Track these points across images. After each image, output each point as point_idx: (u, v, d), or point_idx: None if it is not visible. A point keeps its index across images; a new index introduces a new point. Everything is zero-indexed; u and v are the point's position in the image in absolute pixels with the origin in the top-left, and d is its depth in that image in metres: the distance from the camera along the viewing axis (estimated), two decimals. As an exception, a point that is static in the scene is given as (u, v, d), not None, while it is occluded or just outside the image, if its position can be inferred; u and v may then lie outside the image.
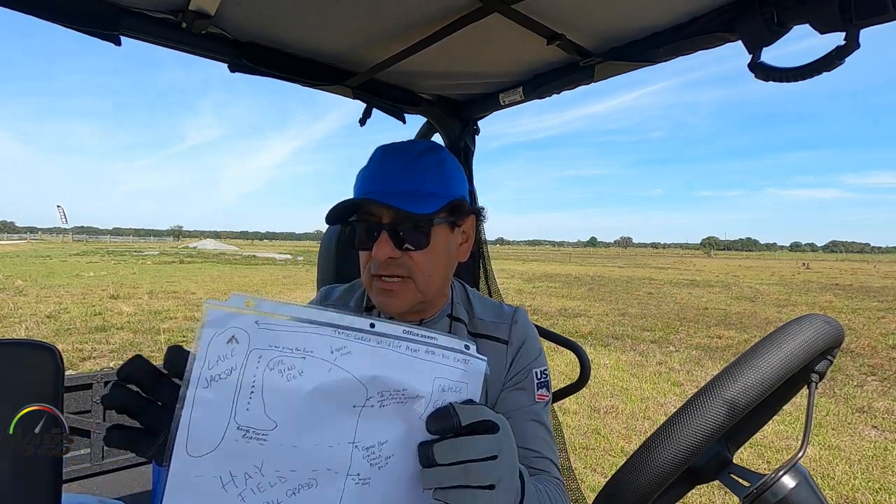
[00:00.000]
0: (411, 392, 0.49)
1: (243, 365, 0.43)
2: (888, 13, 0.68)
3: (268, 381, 0.44)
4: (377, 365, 0.48)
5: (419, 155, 0.79)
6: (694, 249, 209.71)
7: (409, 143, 0.82)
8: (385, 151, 0.80)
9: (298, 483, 0.45)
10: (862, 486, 3.05)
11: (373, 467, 0.49)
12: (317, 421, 0.46)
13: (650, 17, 0.96)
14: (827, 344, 0.49)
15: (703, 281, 20.21)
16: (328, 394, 0.46)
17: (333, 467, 0.47)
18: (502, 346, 0.87)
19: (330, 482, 0.47)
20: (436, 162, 0.79)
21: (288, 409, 0.44)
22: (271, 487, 0.45)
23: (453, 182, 0.80)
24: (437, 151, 0.81)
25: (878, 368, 5.89)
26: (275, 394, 0.44)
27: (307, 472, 0.46)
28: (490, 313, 0.91)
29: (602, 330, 8.17)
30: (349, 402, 0.47)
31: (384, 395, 0.48)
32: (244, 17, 1.01)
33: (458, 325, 0.88)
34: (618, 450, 3.50)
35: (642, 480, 0.46)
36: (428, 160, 0.78)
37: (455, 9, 0.94)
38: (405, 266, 0.76)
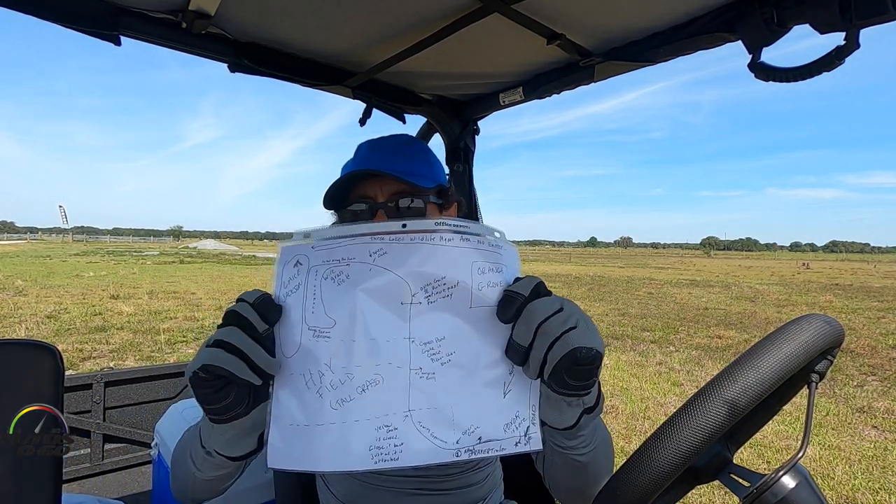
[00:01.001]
0: (451, 280, 0.52)
1: (306, 279, 0.53)
2: (888, 13, 0.68)
3: (324, 288, 0.52)
4: (414, 260, 0.52)
5: (405, 144, 0.85)
6: (694, 249, 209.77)
7: (393, 135, 0.87)
8: (371, 143, 0.85)
9: (365, 380, 0.51)
10: (862, 486, 3.05)
11: (434, 363, 0.51)
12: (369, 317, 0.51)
13: (650, 17, 0.96)
14: (827, 344, 0.49)
15: (703, 281, 20.21)
16: (373, 291, 0.51)
17: (395, 361, 0.51)
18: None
19: (393, 377, 0.51)
20: (421, 150, 0.86)
21: (342, 308, 0.52)
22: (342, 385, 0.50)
23: (438, 170, 0.86)
24: (420, 143, 0.88)
25: (878, 368, 5.89)
26: (330, 296, 0.52)
27: (371, 368, 0.51)
28: None
29: (602, 330, 8.17)
30: (395, 299, 0.52)
31: (428, 288, 0.52)
32: (244, 17, 1.01)
33: None
34: (618, 450, 3.50)
35: (642, 480, 0.46)
36: (414, 148, 0.85)
37: (455, 9, 0.94)
38: None
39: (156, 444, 1.51)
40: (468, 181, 1.56)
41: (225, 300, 10.56)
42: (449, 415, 0.51)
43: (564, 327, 0.50)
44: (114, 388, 2.20)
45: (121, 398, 2.22)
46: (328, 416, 0.50)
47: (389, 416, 0.50)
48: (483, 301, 0.52)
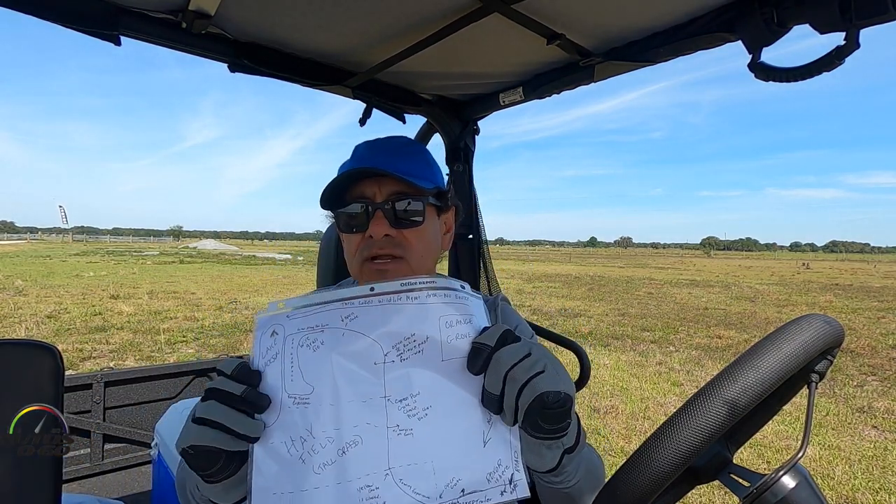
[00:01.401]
0: (420, 336, 0.54)
1: (283, 348, 0.54)
2: (888, 13, 0.68)
3: (301, 355, 0.54)
4: (384, 321, 0.54)
5: (404, 144, 0.84)
6: (694, 249, 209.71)
7: (391, 136, 0.85)
8: (369, 143, 0.84)
9: (345, 442, 0.52)
10: (862, 486, 3.05)
11: (411, 418, 0.52)
12: (345, 381, 0.53)
13: (650, 17, 0.96)
14: (827, 344, 0.49)
15: (703, 281, 20.21)
16: (347, 356, 0.53)
17: (372, 421, 0.52)
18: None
19: (372, 437, 0.52)
20: (420, 152, 0.85)
21: (319, 374, 0.53)
22: (323, 449, 0.52)
23: (436, 172, 0.86)
24: (419, 145, 0.87)
25: (878, 368, 5.89)
26: (307, 363, 0.53)
27: (350, 430, 0.52)
28: None
29: (602, 330, 8.17)
30: (369, 360, 0.53)
31: (399, 346, 0.54)
32: (244, 17, 1.01)
33: None
34: (618, 450, 3.50)
35: (642, 480, 0.46)
36: (413, 149, 0.84)
37: (455, 9, 0.94)
38: (400, 245, 0.77)
39: (156, 444, 1.51)
40: (468, 181, 1.56)
41: (225, 300, 10.57)
42: (429, 469, 0.52)
43: (531, 373, 0.51)
44: (114, 388, 2.20)
45: (121, 398, 2.22)
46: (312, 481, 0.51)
47: (370, 476, 0.51)
48: (453, 353, 0.54)
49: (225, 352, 5.27)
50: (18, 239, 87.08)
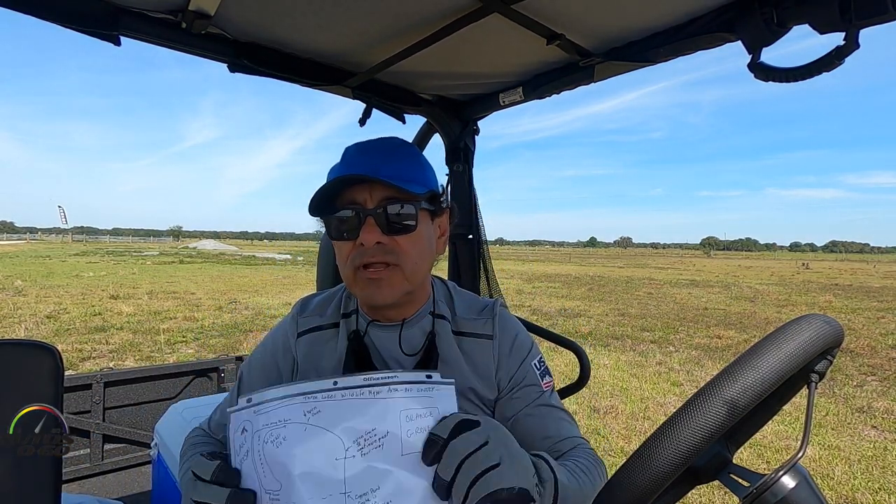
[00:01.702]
0: (381, 430, 0.53)
1: (251, 445, 0.55)
2: (888, 13, 0.68)
3: (267, 452, 0.54)
4: (345, 416, 0.54)
5: (396, 147, 0.81)
6: (693, 249, 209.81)
7: (382, 138, 0.82)
8: (359, 146, 0.80)
9: None
10: (862, 486, 3.05)
11: None
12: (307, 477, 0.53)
13: (650, 17, 0.96)
14: (827, 344, 0.49)
15: (703, 281, 20.22)
16: (310, 450, 0.53)
17: None
18: (487, 341, 0.86)
19: None
20: (413, 153, 0.82)
21: (284, 471, 0.53)
22: None
23: (429, 174, 0.82)
24: (411, 146, 0.83)
25: (877, 368, 5.89)
26: (273, 460, 0.54)
27: None
28: (471, 310, 0.90)
29: (602, 330, 8.17)
30: (331, 455, 0.53)
31: (360, 441, 0.53)
32: (244, 18, 1.01)
33: (441, 321, 0.86)
34: (618, 450, 3.50)
35: (642, 480, 0.46)
36: (405, 151, 0.81)
37: (455, 9, 0.94)
38: (392, 252, 0.75)
39: (156, 444, 1.51)
40: (468, 181, 1.56)
41: (224, 300, 10.56)
42: None
43: (487, 464, 0.50)
44: (113, 388, 2.20)
45: (121, 398, 2.22)
46: None
47: None
48: (413, 447, 0.54)
49: (224, 352, 5.27)
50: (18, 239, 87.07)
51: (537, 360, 0.87)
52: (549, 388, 0.86)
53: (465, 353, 0.85)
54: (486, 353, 0.85)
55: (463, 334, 0.86)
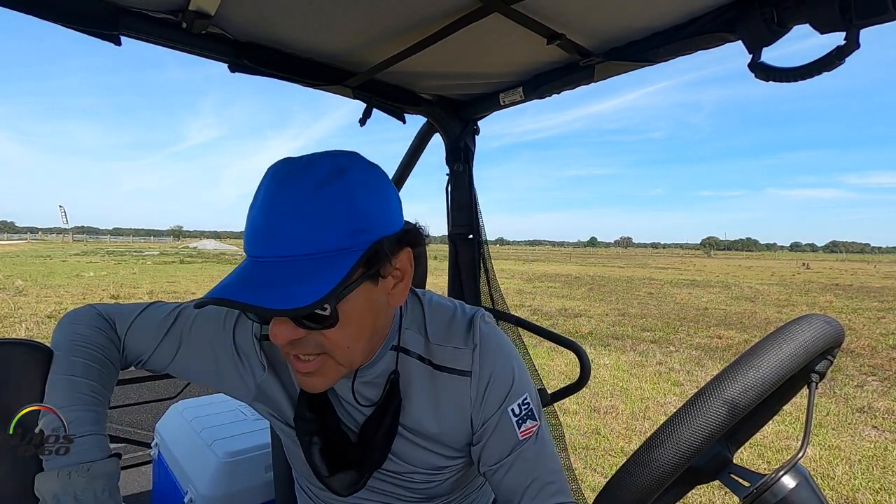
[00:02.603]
0: None
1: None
2: (888, 13, 0.68)
3: None
4: None
5: (319, 185, 0.57)
6: (694, 249, 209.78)
7: (308, 164, 0.60)
8: (275, 179, 0.59)
9: None
10: (862, 487, 3.05)
11: None
12: None
13: (650, 17, 0.96)
14: (827, 344, 0.49)
15: (703, 281, 20.21)
16: None
17: None
18: (465, 379, 0.73)
19: None
20: (343, 193, 0.58)
21: None
22: None
23: (370, 215, 0.60)
24: (343, 174, 0.59)
25: (878, 368, 5.89)
26: None
27: None
28: (449, 336, 0.75)
29: (602, 330, 8.17)
30: None
31: None
32: (244, 18, 1.01)
33: (407, 357, 0.74)
34: (618, 450, 3.50)
35: (642, 480, 0.46)
36: (331, 192, 0.58)
37: (455, 9, 0.94)
38: (316, 343, 0.62)
39: (156, 444, 1.51)
40: (468, 181, 1.56)
41: (225, 300, 10.55)
42: None
43: None
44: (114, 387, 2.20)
45: (121, 398, 2.22)
46: None
47: None
48: None
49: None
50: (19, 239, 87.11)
51: (519, 403, 0.73)
52: (528, 436, 0.73)
53: (435, 393, 0.74)
54: (464, 393, 0.73)
55: (435, 367, 0.74)
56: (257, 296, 0.54)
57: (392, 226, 0.63)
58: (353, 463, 0.74)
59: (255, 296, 0.54)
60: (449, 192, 1.58)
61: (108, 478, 0.64)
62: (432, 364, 0.74)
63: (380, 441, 0.73)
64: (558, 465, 0.76)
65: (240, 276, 0.57)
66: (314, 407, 0.75)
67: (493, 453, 0.73)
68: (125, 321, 0.78)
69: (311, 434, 0.74)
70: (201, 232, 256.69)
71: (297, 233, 0.56)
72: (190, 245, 67.02)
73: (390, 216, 0.63)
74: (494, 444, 0.73)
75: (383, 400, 0.73)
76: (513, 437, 0.72)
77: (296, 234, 0.56)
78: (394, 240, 0.63)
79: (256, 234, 0.58)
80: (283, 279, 0.55)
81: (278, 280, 0.55)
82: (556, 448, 0.79)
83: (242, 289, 0.55)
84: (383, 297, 0.66)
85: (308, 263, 0.56)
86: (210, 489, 1.19)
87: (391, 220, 0.63)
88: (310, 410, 0.74)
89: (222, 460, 1.21)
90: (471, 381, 0.73)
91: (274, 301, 0.53)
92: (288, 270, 0.56)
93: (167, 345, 0.77)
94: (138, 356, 0.78)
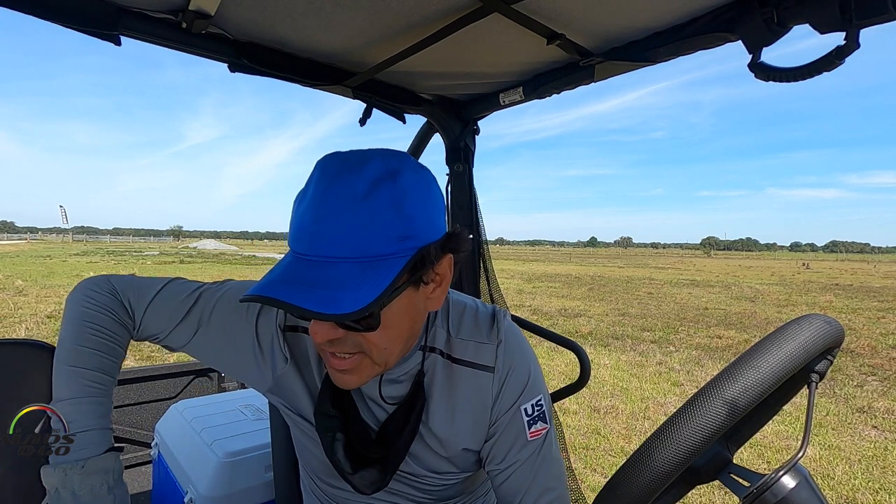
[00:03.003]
0: None
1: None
2: (888, 13, 0.68)
3: None
4: None
5: (370, 188, 0.56)
6: (694, 249, 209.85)
7: (359, 162, 0.58)
8: (325, 176, 0.58)
9: None
10: (862, 487, 3.05)
11: None
12: None
13: (650, 17, 0.96)
14: (827, 344, 0.49)
15: (703, 281, 20.21)
16: None
17: None
18: (487, 374, 0.74)
19: None
20: (393, 197, 0.57)
21: None
22: None
23: (418, 220, 0.59)
24: (394, 178, 0.58)
25: (878, 368, 5.89)
26: None
27: None
28: (473, 331, 0.76)
29: (602, 330, 8.17)
30: None
31: None
32: (244, 18, 1.01)
33: (433, 356, 0.74)
34: (618, 450, 3.50)
35: (642, 480, 0.46)
36: (381, 196, 0.56)
37: (455, 9, 0.94)
38: (354, 343, 0.62)
39: (156, 444, 1.51)
40: (468, 181, 1.57)
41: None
42: None
43: None
44: (114, 387, 2.20)
45: (121, 398, 2.22)
46: None
47: None
48: None
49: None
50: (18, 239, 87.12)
51: (533, 403, 0.74)
52: (537, 437, 0.73)
53: (451, 387, 0.74)
54: (485, 390, 0.74)
55: (458, 362, 0.74)
56: (302, 297, 0.53)
57: (438, 231, 0.62)
58: (376, 461, 0.73)
59: (300, 297, 0.53)
60: (449, 192, 1.58)
61: (106, 473, 0.64)
62: (450, 357, 0.74)
63: (403, 440, 0.73)
64: (562, 471, 0.76)
65: (283, 273, 0.57)
66: (337, 403, 0.74)
67: (501, 451, 0.73)
68: (144, 296, 0.77)
69: (335, 430, 0.73)
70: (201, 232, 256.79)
71: (345, 235, 0.56)
72: (190, 245, 67.04)
73: (436, 221, 0.63)
74: (503, 442, 0.73)
75: (408, 399, 0.73)
76: (522, 437, 0.73)
77: (344, 237, 0.56)
78: (438, 245, 0.62)
79: (304, 231, 0.58)
80: (328, 281, 0.55)
81: (323, 281, 0.55)
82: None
83: (287, 288, 0.55)
84: (423, 302, 0.66)
85: (354, 267, 0.55)
86: (210, 489, 1.19)
87: (437, 226, 0.62)
88: (333, 406, 0.73)
89: (222, 460, 1.21)
90: (493, 377, 0.73)
91: (319, 304, 0.53)
92: (333, 272, 0.55)
93: (186, 326, 0.76)
94: (154, 334, 0.77)
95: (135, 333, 0.77)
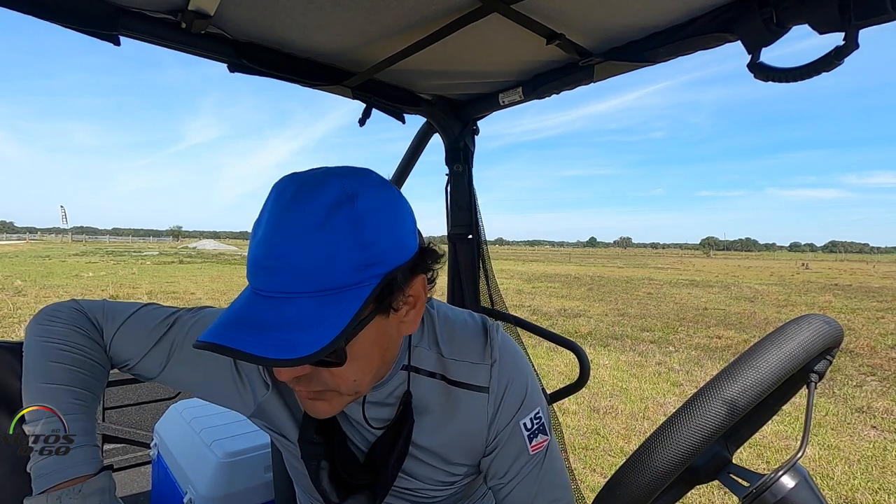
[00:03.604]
0: None
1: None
2: (887, 13, 0.68)
3: None
4: None
5: (326, 215, 0.52)
6: (693, 249, 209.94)
7: (315, 186, 0.54)
8: (278, 203, 0.54)
9: None
10: (861, 486, 3.05)
11: None
12: None
13: (650, 17, 0.96)
14: (826, 344, 0.49)
15: (703, 281, 20.22)
16: None
17: None
18: (482, 395, 0.71)
19: None
20: (352, 223, 0.52)
21: None
22: None
23: (382, 245, 0.54)
24: (352, 202, 0.53)
25: (877, 368, 5.90)
26: None
27: None
28: (464, 349, 0.72)
29: (601, 330, 8.17)
30: None
31: None
32: (244, 18, 1.01)
33: (419, 376, 0.71)
34: (617, 450, 3.50)
35: (642, 480, 0.46)
36: (338, 223, 0.52)
37: (455, 9, 0.94)
38: (320, 380, 0.59)
39: (155, 444, 1.51)
40: (468, 181, 1.57)
41: (224, 300, 10.55)
42: None
43: None
44: (114, 388, 2.20)
45: (121, 398, 2.22)
46: None
47: None
48: None
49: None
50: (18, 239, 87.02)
51: (531, 416, 0.72)
52: (538, 450, 0.72)
53: (451, 409, 0.71)
54: (481, 410, 0.71)
55: (450, 382, 0.71)
56: (254, 342, 0.49)
57: (406, 252, 0.58)
58: (364, 487, 0.71)
59: (253, 342, 0.49)
60: (448, 193, 1.58)
61: (103, 493, 0.62)
62: (446, 379, 0.71)
63: (392, 464, 0.70)
64: (566, 480, 0.75)
65: (238, 312, 0.53)
66: (321, 429, 0.71)
67: (503, 466, 0.72)
68: (114, 322, 0.73)
69: (319, 458, 0.71)
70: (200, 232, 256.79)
71: (301, 268, 0.51)
72: (189, 245, 67.01)
73: (404, 242, 0.58)
74: (504, 457, 0.72)
75: (396, 422, 0.70)
76: (523, 452, 0.72)
77: (300, 270, 0.51)
78: (407, 268, 0.58)
79: (257, 265, 0.53)
80: (283, 321, 0.50)
81: (277, 322, 0.50)
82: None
83: (239, 331, 0.51)
84: (395, 327, 0.62)
85: (312, 302, 0.51)
86: (209, 489, 1.19)
87: (405, 246, 0.58)
88: (317, 433, 0.71)
89: (221, 461, 1.21)
90: (488, 398, 0.71)
91: (274, 349, 0.48)
92: (290, 309, 0.51)
93: (157, 353, 0.72)
94: (125, 361, 0.73)
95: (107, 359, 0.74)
